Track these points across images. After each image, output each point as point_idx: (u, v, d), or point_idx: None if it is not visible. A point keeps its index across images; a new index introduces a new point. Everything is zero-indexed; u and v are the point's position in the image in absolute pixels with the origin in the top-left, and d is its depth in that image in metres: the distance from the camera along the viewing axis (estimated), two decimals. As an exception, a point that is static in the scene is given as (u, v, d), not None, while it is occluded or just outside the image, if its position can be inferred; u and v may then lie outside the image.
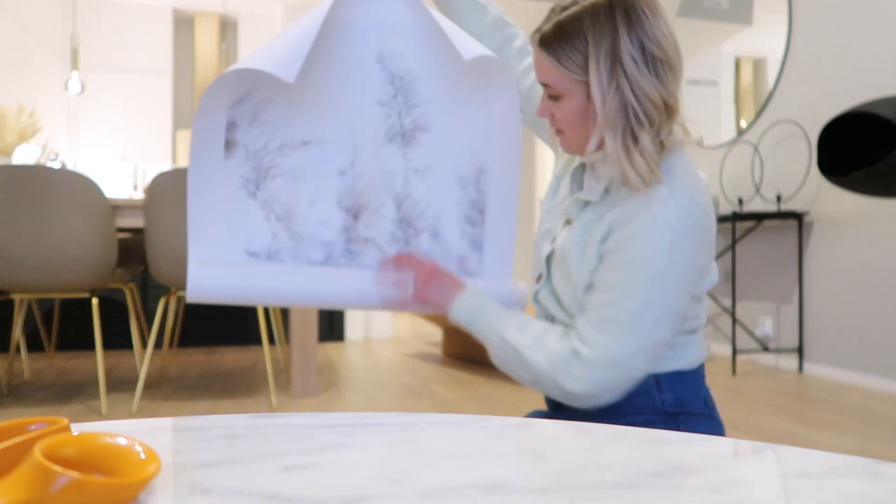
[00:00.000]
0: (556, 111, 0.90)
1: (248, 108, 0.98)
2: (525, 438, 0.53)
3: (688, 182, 0.86)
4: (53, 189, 2.35)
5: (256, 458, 0.47)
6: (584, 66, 0.85)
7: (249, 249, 1.00)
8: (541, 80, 0.90)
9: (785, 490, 0.43)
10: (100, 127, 6.73)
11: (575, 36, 0.84)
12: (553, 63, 0.86)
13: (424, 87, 1.03)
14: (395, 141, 1.03)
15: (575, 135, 0.91)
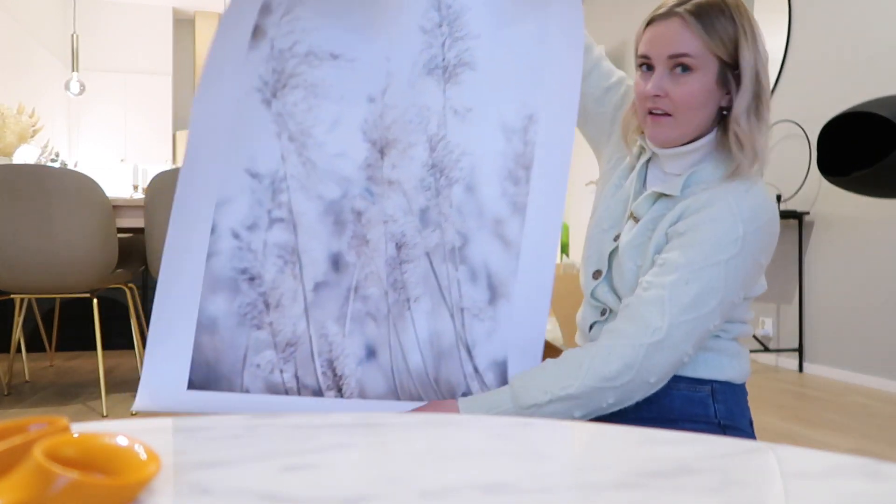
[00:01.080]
0: (677, 89, 0.89)
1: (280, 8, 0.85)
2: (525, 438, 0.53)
3: (763, 187, 0.90)
4: (54, 189, 2.35)
5: (257, 459, 0.47)
6: (730, 46, 0.87)
7: (251, 169, 0.87)
8: (675, 51, 0.88)
9: (785, 490, 0.43)
10: (100, 127, 6.73)
11: (723, 14, 0.88)
12: (701, 33, 0.87)
13: (473, 19, 0.91)
14: (434, 74, 0.90)
15: (688, 116, 0.90)
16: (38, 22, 5.88)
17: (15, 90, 5.23)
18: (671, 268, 0.85)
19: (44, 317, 3.83)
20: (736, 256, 0.84)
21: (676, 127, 0.91)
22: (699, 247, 0.84)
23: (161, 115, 6.95)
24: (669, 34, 0.89)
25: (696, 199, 0.89)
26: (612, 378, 0.83)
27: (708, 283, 0.83)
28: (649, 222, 0.93)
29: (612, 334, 0.86)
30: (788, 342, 3.55)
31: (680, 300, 0.83)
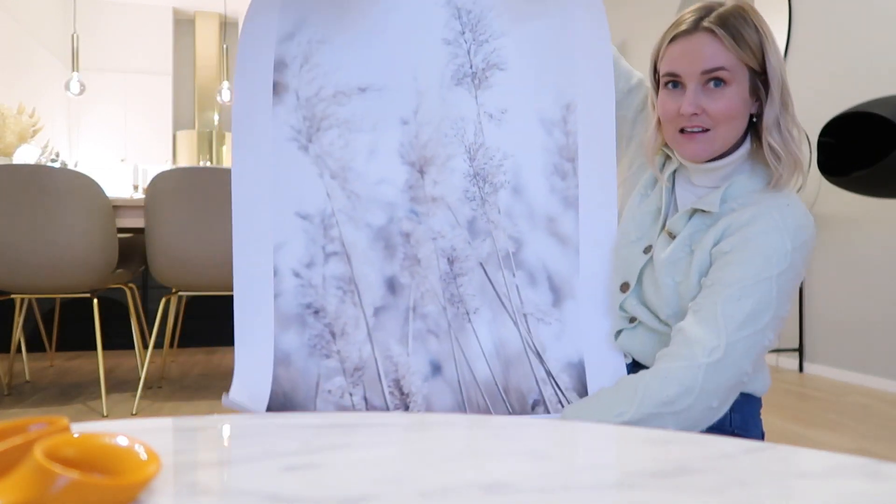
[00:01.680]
0: (715, 102, 0.87)
1: (299, 46, 0.87)
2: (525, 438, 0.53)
3: (800, 200, 0.89)
4: (54, 189, 2.35)
5: (257, 459, 0.47)
6: (757, 54, 0.87)
7: (300, 211, 0.89)
8: (710, 66, 0.87)
9: (785, 490, 0.43)
10: (100, 127, 6.73)
11: (747, 23, 0.87)
12: (732, 44, 0.86)
13: (495, 19, 0.91)
14: (464, 83, 0.90)
15: (727, 129, 0.89)
16: (39, 22, 5.88)
17: (15, 90, 5.23)
18: (722, 286, 0.83)
19: (44, 317, 3.83)
20: (786, 271, 0.83)
21: (714, 142, 0.89)
22: (749, 263, 0.83)
23: (161, 116, 6.95)
24: (700, 49, 0.87)
25: (737, 215, 0.87)
26: (669, 402, 0.79)
27: (761, 299, 0.82)
28: (687, 238, 0.91)
29: (667, 358, 0.83)
30: (788, 342, 3.55)
31: (734, 317, 0.81)
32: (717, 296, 0.82)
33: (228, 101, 5.70)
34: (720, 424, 0.91)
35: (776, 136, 0.87)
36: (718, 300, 0.82)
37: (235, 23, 7.25)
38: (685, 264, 0.90)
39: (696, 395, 0.79)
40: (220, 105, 7.11)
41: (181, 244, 2.47)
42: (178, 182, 2.45)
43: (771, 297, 0.82)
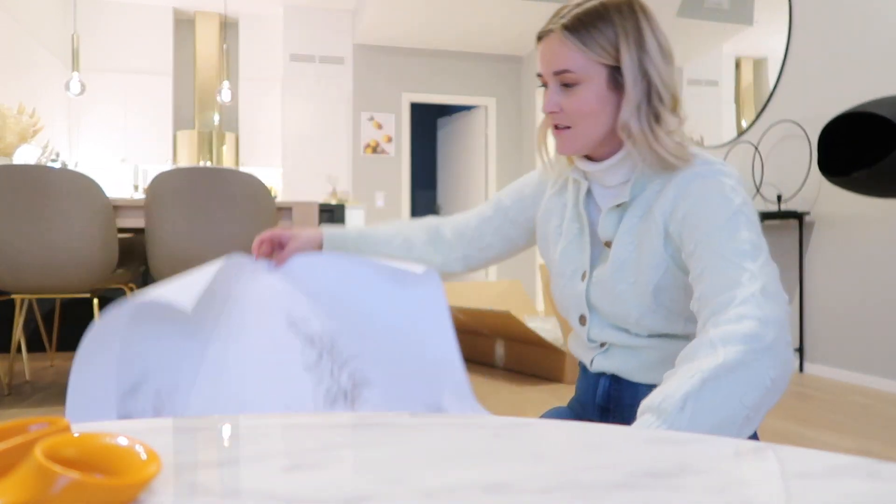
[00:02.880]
0: (569, 102, 0.90)
1: (147, 400, 0.83)
2: (525, 438, 0.53)
3: (713, 156, 0.92)
4: (54, 189, 2.35)
5: (257, 459, 0.47)
6: (612, 51, 0.88)
7: None
8: (557, 68, 0.90)
9: (785, 490, 0.43)
10: (100, 127, 6.73)
11: (602, 21, 0.88)
12: (578, 46, 0.88)
13: (346, 341, 0.94)
14: (338, 403, 0.91)
15: (587, 125, 0.90)
16: (39, 22, 5.88)
17: (15, 90, 5.23)
18: (708, 241, 0.83)
19: (44, 317, 3.82)
20: (744, 200, 0.86)
21: (578, 137, 0.92)
22: (713, 211, 0.84)
23: (161, 116, 6.95)
24: (550, 51, 0.91)
25: (664, 193, 0.89)
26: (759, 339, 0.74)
27: (747, 226, 0.83)
28: (626, 235, 0.93)
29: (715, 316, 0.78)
30: (789, 342, 3.55)
31: (741, 249, 0.81)
32: (710, 249, 0.82)
33: (229, 100, 5.70)
34: None
35: (634, 128, 0.88)
36: (717, 249, 0.81)
37: (236, 23, 7.25)
38: (633, 261, 0.91)
39: (771, 324, 0.75)
40: (220, 105, 7.11)
41: (181, 244, 2.47)
42: (178, 182, 2.45)
43: (751, 221, 0.84)
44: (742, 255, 0.80)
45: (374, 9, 5.95)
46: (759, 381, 0.72)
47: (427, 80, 7.06)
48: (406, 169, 7.01)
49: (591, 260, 0.98)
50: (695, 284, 0.83)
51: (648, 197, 0.92)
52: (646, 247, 0.90)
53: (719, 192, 0.85)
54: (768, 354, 0.74)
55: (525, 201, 1.10)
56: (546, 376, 3.17)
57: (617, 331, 0.96)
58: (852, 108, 2.52)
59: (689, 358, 0.75)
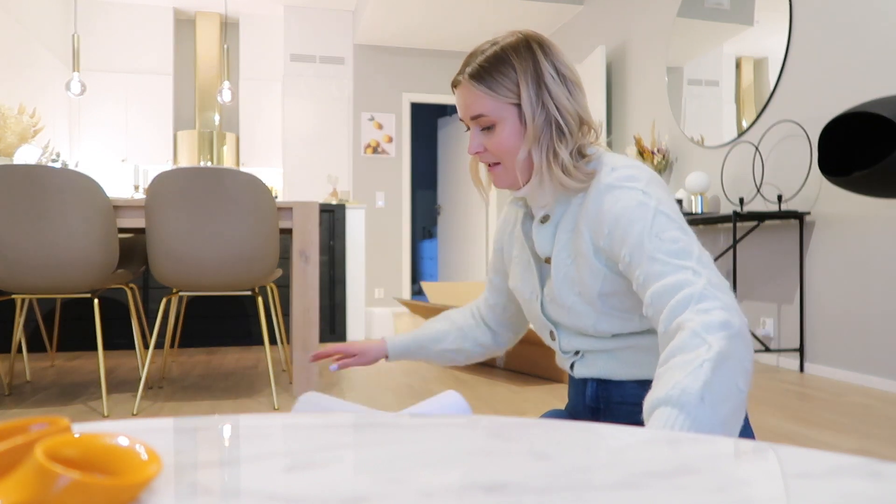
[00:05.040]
0: (490, 142, 0.96)
1: None
2: (525, 438, 0.53)
3: (623, 159, 0.95)
4: (55, 189, 2.35)
5: (258, 459, 0.47)
6: (515, 91, 0.94)
7: None
8: (472, 114, 0.96)
9: (786, 490, 0.43)
10: (101, 127, 6.73)
11: (503, 65, 0.94)
12: (486, 91, 0.94)
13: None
14: None
15: (511, 160, 0.96)
16: (40, 22, 5.89)
17: (16, 90, 5.23)
18: (639, 249, 0.86)
19: (45, 317, 3.83)
20: (660, 201, 0.88)
21: (508, 171, 0.98)
22: (633, 220, 0.87)
23: (162, 116, 6.95)
24: (463, 99, 0.97)
25: (585, 208, 0.94)
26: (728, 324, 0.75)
27: (668, 225, 0.86)
28: (562, 251, 0.98)
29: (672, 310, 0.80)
30: (789, 342, 3.54)
31: (673, 249, 0.84)
32: (644, 256, 0.85)
33: (229, 101, 5.70)
34: None
35: (535, 157, 0.95)
36: (651, 254, 0.84)
37: (236, 23, 7.25)
38: (573, 274, 0.96)
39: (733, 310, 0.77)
40: (220, 105, 7.11)
41: (182, 244, 2.47)
42: (178, 182, 2.45)
43: (671, 219, 0.86)
44: (677, 255, 0.83)
45: (374, 9, 5.95)
46: (744, 366, 0.74)
47: (427, 80, 7.06)
48: (406, 169, 7.01)
49: (540, 280, 1.04)
50: (641, 291, 0.86)
51: (573, 211, 0.97)
52: (580, 260, 0.95)
53: (634, 200, 0.88)
54: (741, 339, 0.76)
55: (503, 251, 1.17)
56: (546, 376, 3.17)
57: (584, 338, 1.01)
58: (852, 108, 2.51)
59: (680, 351, 0.75)
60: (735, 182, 3.96)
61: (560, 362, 1.08)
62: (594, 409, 1.03)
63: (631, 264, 0.87)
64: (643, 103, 4.95)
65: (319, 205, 3.99)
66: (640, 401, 0.94)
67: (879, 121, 2.50)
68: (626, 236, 0.87)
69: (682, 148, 4.51)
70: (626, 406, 0.99)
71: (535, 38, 0.96)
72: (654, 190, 0.89)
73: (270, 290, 3.22)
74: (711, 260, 0.85)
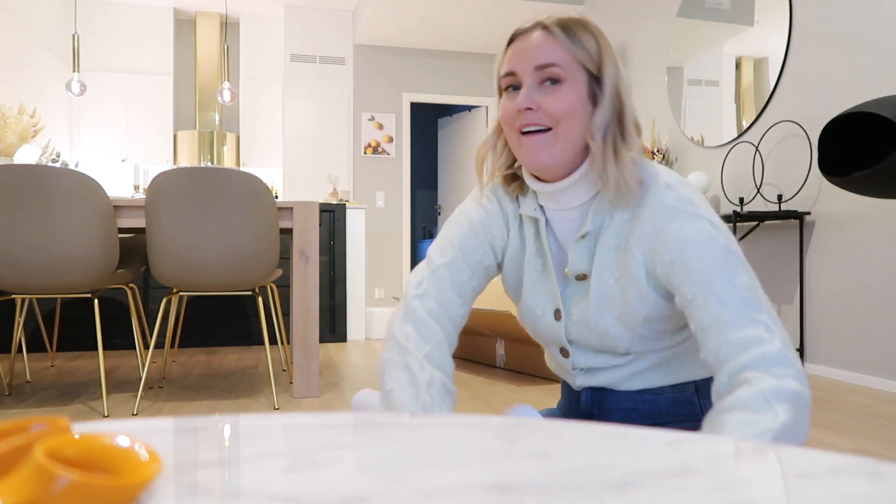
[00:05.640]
0: (549, 99, 0.85)
1: None
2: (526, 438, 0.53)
3: (670, 173, 0.89)
4: (55, 189, 2.35)
5: (258, 459, 0.47)
6: (596, 59, 0.86)
7: None
8: (540, 62, 0.85)
9: (786, 490, 0.43)
10: (101, 127, 6.73)
11: (585, 32, 0.87)
12: (569, 43, 0.85)
13: None
14: None
15: (569, 128, 0.85)
16: (40, 22, 5.89)
17: (16, 90, 5.23)
18: (707, 289, 0.79)
19: (45, 317, 3.83)
20: (722, 232, 0.83)
21: (555, 142, 0.86)
22: (701, 254, 0.81)
23: (162, 116, 6.95)
24: (534, 46, 0.86)
25: (638, 227, 0.85)
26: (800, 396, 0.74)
27: (740, 266, 0.80)
28: (604, 269, 0.89)
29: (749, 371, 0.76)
30: (789, 342, 3.55)
31: (745, 297, 0.78)
32: (712, 299, 0.79)
33: (229, 101, 5.70)
34: (692, 414, 0.92)
35: (598, 140, 0.85)
36: (720, 299, 0.79)
37: (236, 23, 7.25)
38: (616, 295, 0.88)
39: (804, 380, 0.75)
40: (220, 105, 7.11)
41: (182, 244, 2.47)
42: (178, 182, 2.45)
43: (739, 258, 0.81)
44: (748, 306, 0.78)
45: (374, 9, 5.95)
46: (800, 439, 0.74)
47: (427, 80, 7.06)
48: (407, 169, 7.01)
49: (563, 297, 0.94)
50: (703, 335, 0.80)
51: (619, 227, 0.88)
52: (627, 281, 0.87)
53: (701, 231, 0.82)
54: (806, 413, 0.75)
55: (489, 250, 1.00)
56: (546, 376, 3.17)
57: (602, 355, 0.94)
58: (852, 108, 2.51)
59: (744, 407, 0.73)
60: (735, 182, 3.96)
61: (559, 371, 1.03)
62: (588, 413, 1.00)
63: (694, 303, 0.80)
64: (643, 103, 4.95)
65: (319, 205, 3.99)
66: (636, 406, 0.94)
67: (879, 121, 2.50)
68: (693, 273, 0.80)
69: (682, 148, 4.51)
70: (620, 412, 0.96)
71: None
72: (717, 219, 0.84)
73: (270, 290, 3.22)
74: (769, 303, 0.81)
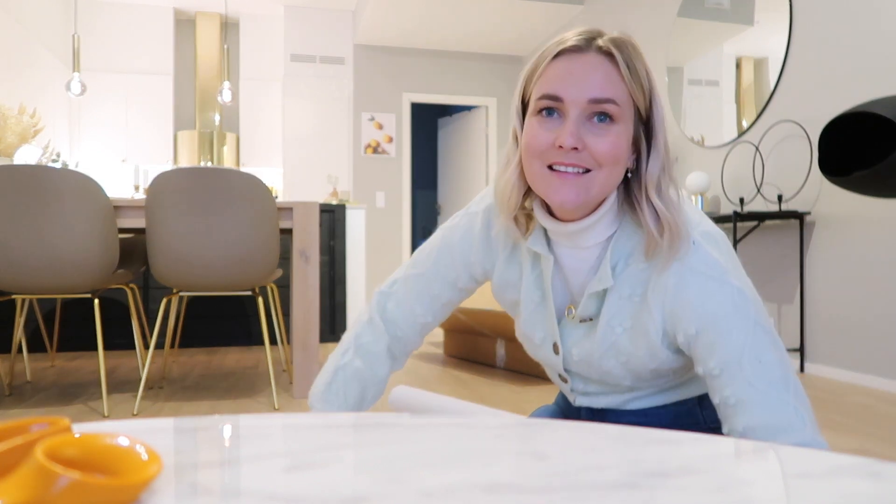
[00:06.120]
0: (602, 140, 0.74)
1: None
2: (525, 438, 0.53)
3: (686, 216, 0.79)
4: (55, 189, 2.35)
5: (258, 459, 0.47)
6: (648, 96, 0.75)
7: None
8: (601, 95, 0.73)
9: (786, 490, 0.43)
10: (101, 127, 6.73)
11: (642, 63, 0.75)
12: (629, 77, 0.74)
13: None
14: None
15: (609, 173, 0.75)
16: (40, 22, 5.89)
17: (16, 90, 5.23)
18: (734, 366, 0.75)
19: (45, 317, 3.83)
20: (751, 302, 0.77)
21: (591, 187, 0.75)
22: (730, 329, 0.75)
23: (162, 116, 6.95)
24: (592, 72, 0.73)
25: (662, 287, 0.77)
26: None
27: (769, 343, 0.76)
28: (613, 318, 0.82)
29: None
30: (790, 342, 3.54)
31: (773, 377, 0.74)
32: (740, 377, 0.74)
33: (229, 101, 5.70)
34: (694, 425, 0.91)
35: (654, 196, 0.75)
36: (748, 378, 0.74)
37: (236, 23, 7.25)
38: (624, 344, 0.82)
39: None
40: (220, 105, 7.11)
41: (182, 244, 2.47)
42: (178, 182, 2.45)
43: (769, 333, 0.76)
44: (776, 385, 0.74)
45: (374, 9, 5.95)
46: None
47: (427, 80, 7.06)
48: (407, 169, 7.01)
49: (560, 330, 0.88)
50: (728, 412, 0.76)
51: (635, 277, 0.80)
52: (639, 334, 0.80)
53: (730, 302, 0.75)
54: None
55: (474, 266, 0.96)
56: (546, 376, 3.16)
57: (604, 385, 0.90)
58: (852, 107, 2.51)
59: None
60: (735, 182, 3.96)
61: (559, 386, 1.00)
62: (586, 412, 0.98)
63: (720, 378, 0.75)
64: (643, 103, 4.95)
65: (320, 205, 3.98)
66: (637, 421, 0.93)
67: (879, 121, 2.50)
68: (720, 347, 0.75)
69: (682, 148, 4.51)
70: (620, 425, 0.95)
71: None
72: (745, 283, 0.78)
73: (270, 290, 3.21)
74: (793, 372, 0.77)
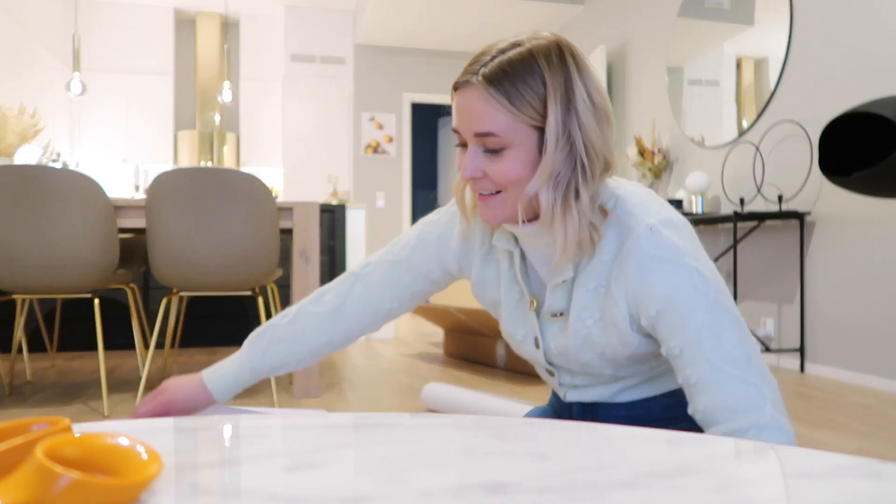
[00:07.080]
0: (494, 168, 0.77)
1: None
2: (526, 438, 0.53)
3: (646, 206, 0.80)
4: (55, 189, 2.35)
5: (257, 459, 0.47)
6: (541, 110, 0.75)
7: None
8: (479, 130, 0.76)
9: (786, 490, 0.43)
10: (101, 127, 6.74)
11: (530, 74, 0.74)
12: (504, 104, 0.74)
13: None
14: None
15: (518, 191, 0.78)
16: (40, 22, 5.89)
17: (16, 90, 5.23)
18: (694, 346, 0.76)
19: (45, 317, 3.83)
20: (710, 282, 0.77)
21: (505, 205, 0.79)
22: (689, 309, 0.76)
23: (162, 116, 6.95)
24: (470, 108, 0.76)
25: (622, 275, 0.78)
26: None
27: (729, 321, 0.76)
28: (582, 310, 0.83)
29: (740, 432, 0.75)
30: (790, 342, 3.54)
31: (734, 356, 0.75)
32: (700, 357, 0.75)
33: (230, 101, 5.70)
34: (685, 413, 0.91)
35: (543, 202, 0.76)
36: (708, 359, 0.75)
37: (237, 23, 7.25)
38: (597, 335, 0.83)
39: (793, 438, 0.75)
40: (220, 105, 7.11)
41: (182, 244, 2.47)
42: (179, 182, 2.45)
43: (729, 313, 0.76)
44: (737, 364, 0.74)
45: (374, 9, 5.95)
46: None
47: (428, 80, 7.06)
48: (407, 169, 7.01)
49: (539, 326, 0.90)
50: (691, 392, 0.78)
51: (598, 269, 0.81)
52: (609, 325, 0.82)
53: (688, 283, 0.75)
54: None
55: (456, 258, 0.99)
56: (547, 376, 3.17)
57: (589, 376, 0.92)
58: (852, 107, 2.51)
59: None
60: (735, 182, 3.96)
61: (547, 382, 1.00)
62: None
63: (681, 358, 0.77)
64: (644, 103, 4.95)
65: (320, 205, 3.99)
66: (628, 414, 0.93)
67: (879, 121, 2.50)
68: (680, 327, 0.76)
69: (682, 148, 4.51)
70: (613, 420, 0.94)
71: (568, 48, 0.77)
72: (706, 265, 0.78)
73: (271, 290, 3.21)
74: (759, 352, 0.77)
